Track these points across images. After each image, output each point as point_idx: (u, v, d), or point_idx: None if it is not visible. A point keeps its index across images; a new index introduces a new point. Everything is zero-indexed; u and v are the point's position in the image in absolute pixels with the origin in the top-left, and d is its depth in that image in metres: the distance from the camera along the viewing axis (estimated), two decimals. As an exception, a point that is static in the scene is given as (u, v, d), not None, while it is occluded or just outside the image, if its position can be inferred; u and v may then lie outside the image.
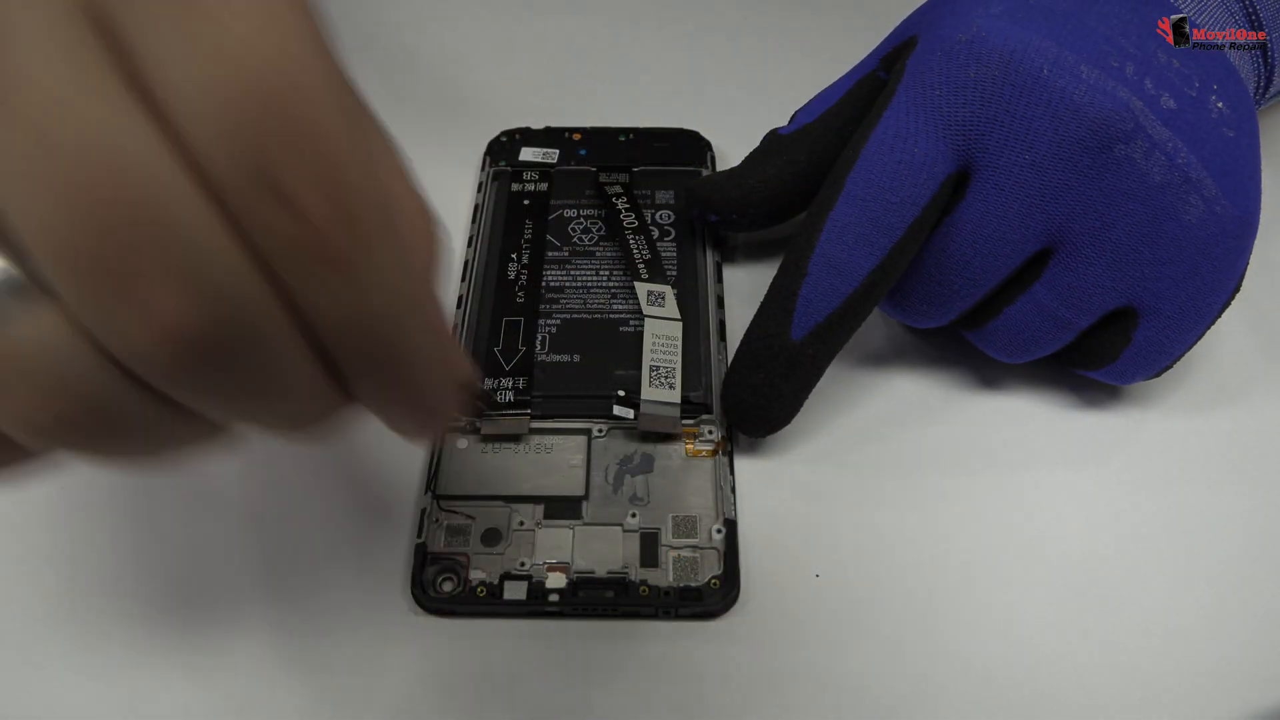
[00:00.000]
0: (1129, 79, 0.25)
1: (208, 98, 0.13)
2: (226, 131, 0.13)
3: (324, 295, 0.14)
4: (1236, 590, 0.26)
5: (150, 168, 0.13)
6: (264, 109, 0.13)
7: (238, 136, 0.13)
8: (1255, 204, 0.26)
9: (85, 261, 0.13)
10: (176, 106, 0.13)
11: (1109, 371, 0.28)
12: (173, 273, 0.13)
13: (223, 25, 0.13)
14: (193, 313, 0.14)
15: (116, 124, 0.13)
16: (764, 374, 0.27)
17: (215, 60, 0.13)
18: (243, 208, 0.14)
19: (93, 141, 0.13)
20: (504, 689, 0.24)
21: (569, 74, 0.40)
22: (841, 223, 0.26)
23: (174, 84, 0.13)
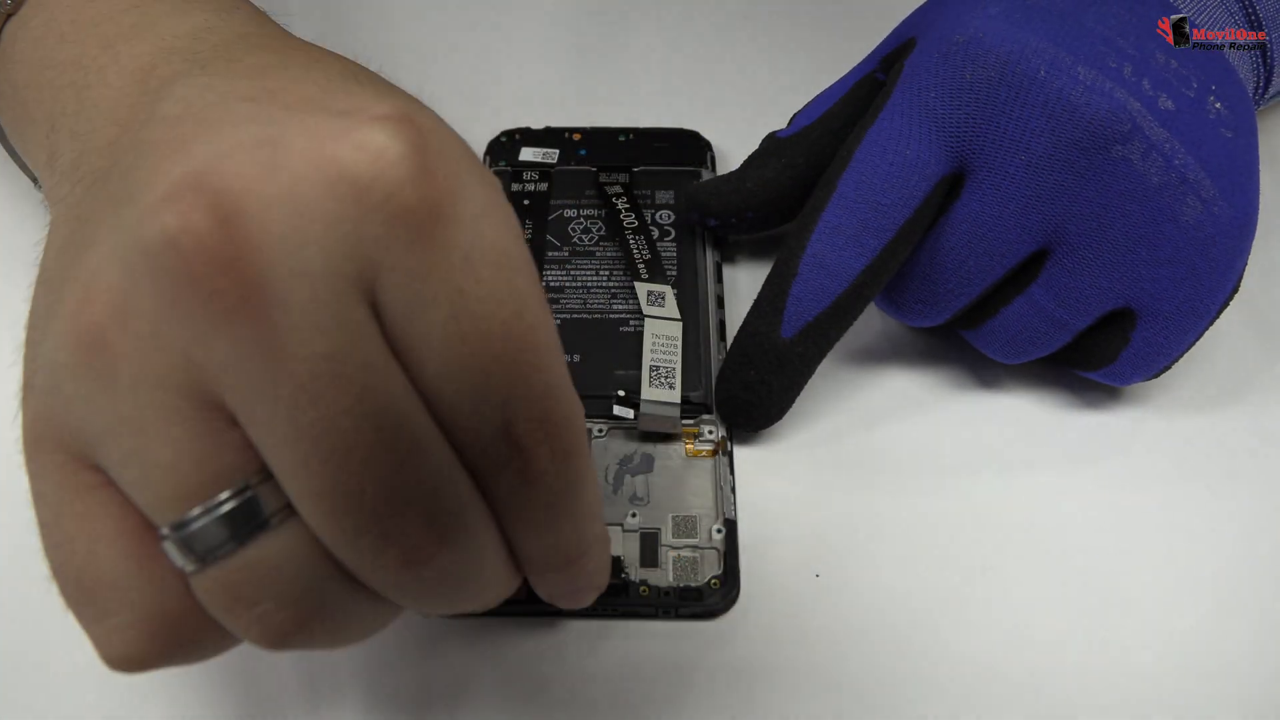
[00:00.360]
0: (1126, 80, 0.25)
1: (456, 360, 0.16)
2: (474, 389, 0.16)
3: (531, 525, 0.17)
4: (1236, 590, 0.26)
5: (407, 421, 0.15)
6: (508, 374, 0.16)
7: (485, 396, 0.16)
8: (1253, 204, 0.26)
9: (348, 501, 0.15)
10: (427, 364, 0.16)
11: (1108, 372, 0.28)
12: (425, 514, 0.16)
13: (477, 325, 0.16)
14: (439, 546, 0.16)
15: (380, 387, 0.15)
16: (755, 370, 0.27)
17: (468, 354, 0.16)
18: (478, 453, 0.16)
19: (361, 405, 0.15)
20: (503, 689, 0.24)
21: (569, 74, 0.40)
22: (832, 224, 0.27)
23: (430, 365, 0.16)
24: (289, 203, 0.15)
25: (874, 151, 0.27)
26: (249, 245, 0.15)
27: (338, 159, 0.15)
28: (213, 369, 0.15)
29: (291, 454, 0.15)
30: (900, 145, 0.26)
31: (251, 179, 0.15)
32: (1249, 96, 0.28)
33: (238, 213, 0.15)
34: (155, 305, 0.15)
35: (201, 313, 0.15)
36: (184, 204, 0.15)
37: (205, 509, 0.15)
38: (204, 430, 0.15)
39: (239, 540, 0.16)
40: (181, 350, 0.15)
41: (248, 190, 0.15)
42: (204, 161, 0.15)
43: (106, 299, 0.15)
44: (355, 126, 0.15)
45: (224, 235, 0.14)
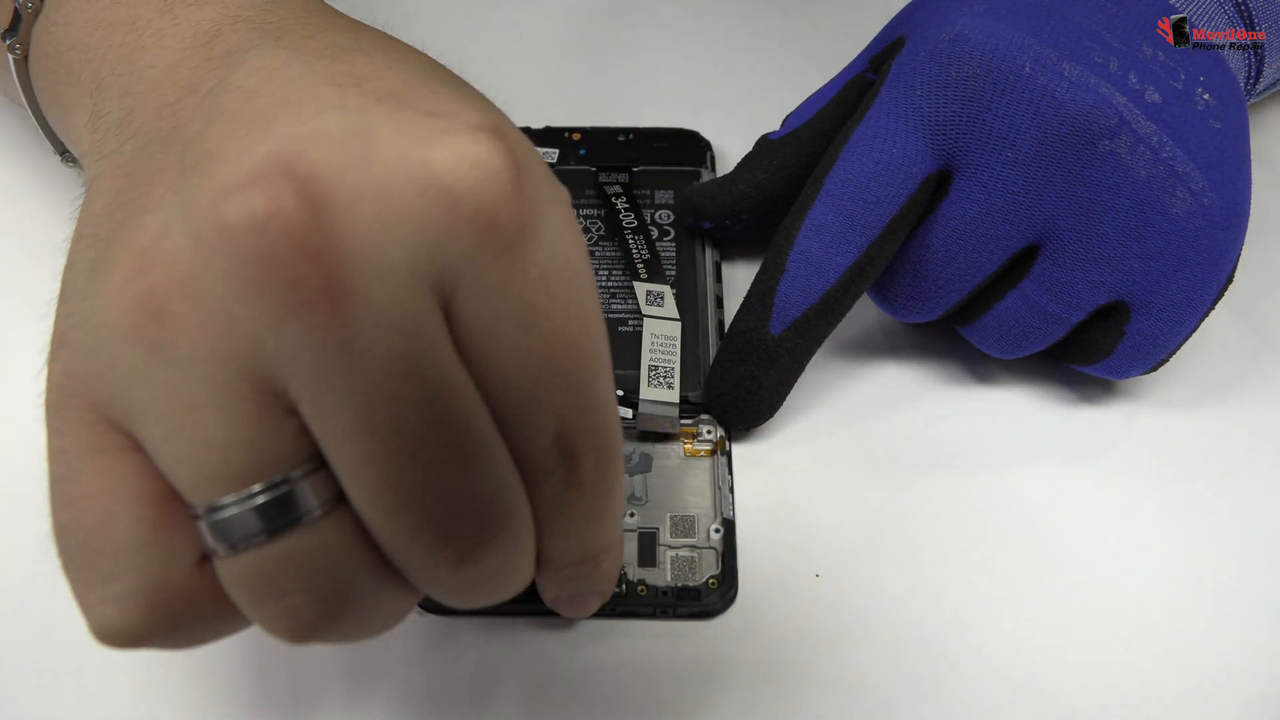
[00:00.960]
0: (1112, 74, 0.25)
1: (522, 371, 0.16)
2: (535, 399, 0.16)
3: (565, 527, 0.18)
4: (1233, 585, 0.26)
5: (470, 429, 0.16)
6: (568, 388, 0.16)
7: (545, 407, 0.16)
8: (1244, 195, 0.26)
9: (408, 497, 0.15)
10: (493, 372, 0.16)
11: (1104, 366, 0.28)
12: (482, 517, 0.16)
13: (545, 343, 0.16)
14: (490, 548, 0.17)
15: (447, 394, 0.15)
16: (745, 367, 0.27)
17: (534, 369, 0.16)
18: (529, 458, 0.17)
19: (428, 408, 0.15)
20: (502, 688, 0.24)
21: (569, 74, 0.40)
22: (819, 221, 0.27)
23: (495, 375, 0.16)
24: (379, 200, 0.15)
25: (861, 150, 0.27)
26: (336, 237, 0.14)
27: (432, 163, 0.15)
28: (282, 356, 0.15)
29: (356, 448, 0.15)
30: (887, 143, 0.27)
31: (343, 169, 0.15)
32: (1239, 86, 0.28)
33: (328, 203, 0.15)
34: (228, 284, 0.15)
35: (279, 299, 0.14)
36: (274, 186, 0.14)
37: (250, 494, 0.15)
38: (261, 415, 0.15)
39: (278, 529, 0.15)
40: (250, 333, 0.15)
41: (339, 181, 0.15)
42: (292, 143, 0.15)
43: (171, 270, 0.15)
44: (450, 132, 0.15)
45: (313, 224, 0.14)
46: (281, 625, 0.16)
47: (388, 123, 0.15)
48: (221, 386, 0.15)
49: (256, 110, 0.16)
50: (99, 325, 0.15)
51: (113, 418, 0.16)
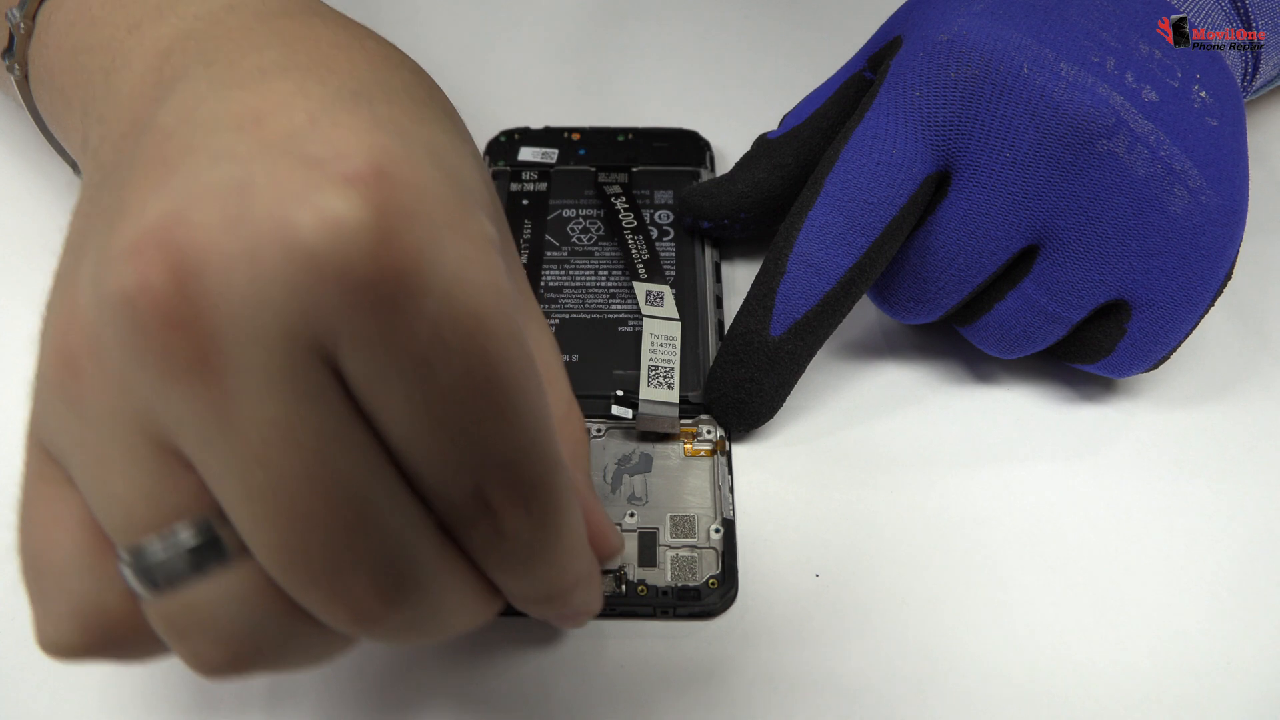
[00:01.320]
0: (1109, 74, 0.25)
1: (422, 428, 0.15)
2: (442, 455, 0.16)
3: (509, 573, 0.17)
4: (1233, 584, 0.26)
5: (359, 490, 0.15)
6: (477, 442, 0.16)
7: (454, 462, 0.16)
8: (1242, 192, 0.26)
9: (296, 558, 0.15)
10: (392, 429, 0.15)
11: (1105, 365, 0.28)
12: (373, 578, 0.16)
13: (445, 395, 0.15)
14: (387, 609, 0.16)
15: (332, 455, 0.15)
16: (745, 369, 0.27)
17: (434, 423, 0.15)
18: (448, 509, 0.16)
19: (310, 472, 0.15)
20: (502, 688, 0.24)
21: (569, 74, 0.40)
22: (819, 222, 0.27)
23: (394, 429, 0.15)
24: (248, 264, 0.14)
25: (860, 150, 0.27)
26: (205, 306, 0.14)
27: (294, 223, 0.14)
28: (170, 419, 0.15)
29: (241, 509, 0.15)
30: (886, 144, 0.27)
31: (216, 233, 0.15)
32: (1236, 83, 0.28)
33: (197, 272, 0.14)
34: (120, 350, 0.15)
35: (157, 367, 0.15)
36: (144, 259, 0.14)
37: (145, 546, 0.16)
38: (159, 471, 0.15)
39: (177, 578, 0.16)
40: (142, 395, 0.15)
41: (211, 246, 0.14)
42: (173, 206, 0.15)
43: (81, 330, 0.16)
44: (317, 186, 0.15)
45: (180, 296, 0.14)
46: (191, 664, 0.17)
47: (267, 175, 0.15)
48: (123, 443, 0.15)
49: (163, 157, 0.16)
50: (40, 373, 0.16)
51: (54, 455, 0.17)
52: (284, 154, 0.15)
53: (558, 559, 0.18)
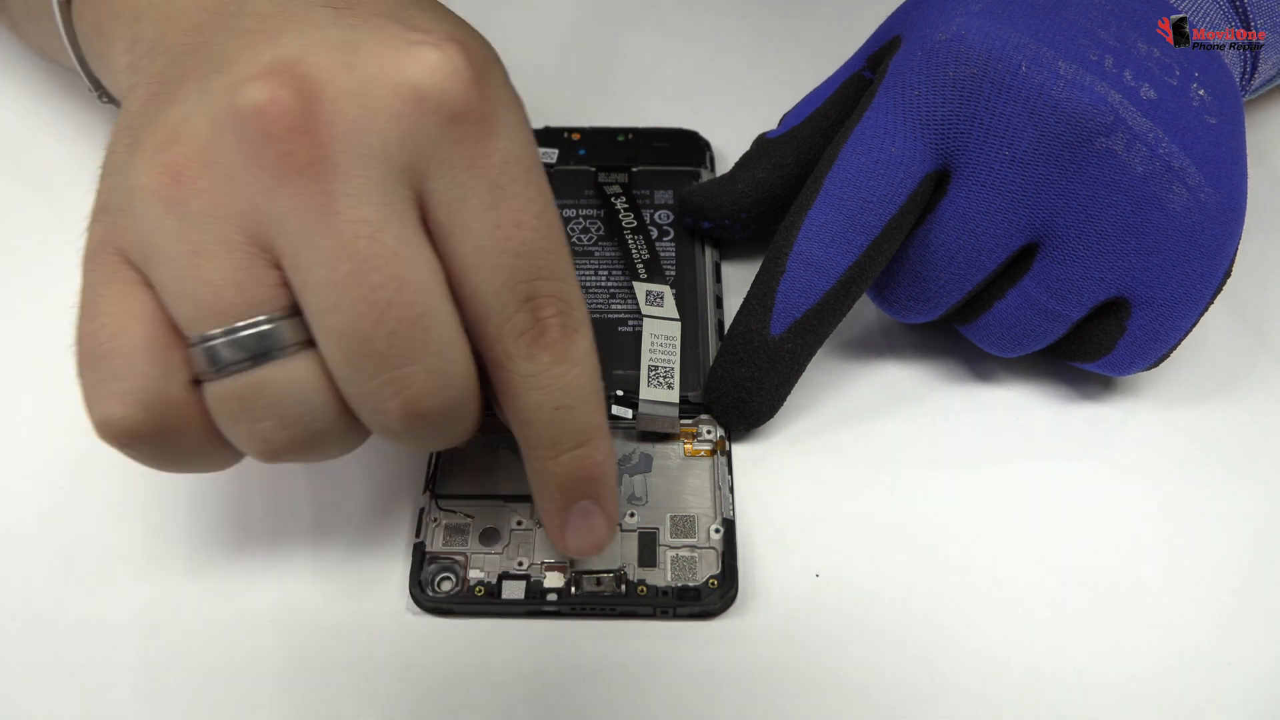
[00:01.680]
0: (1108, 72, 0.25)
1: (491, 240, 0.19)
2: (503, 266, 0.20)
3: (540, 388, 0.21)
4: (1232, 581, 0.26)
5: (423, 290, 0.19)
6: (533, 257, 0.20)
7: (512, 273, 0.20)
8: (1240, 189, 0.26)
9: (364, 344, 0.18)
10: (467, 257, 0.19)
11: (1106, 363, 0.28)
12: (428, 366, 0.19)
13: (511, 216, 0.20)
14: (438, 396, 0.19)
15: (407, 256, 0.19)
16: (745, 369, 0.27)
17: (503, 237, 0.20)
18: (500, 319, 0.20)
19: (389, 267, 0.18)
20: (502, 689, 0.24)
21: (568, 74, 0.40)
22: (819, 221, 0.27)
23: (468, 241, 0.19)
24: (360, 96, 0.18)
25: (859, 150, 0.27)
26: (322, 122, 0.18)
27: (404, 67, 0.19)
28: (273, 215, 0.18)
29: (324, 295, 0.18)
30: (885, 143, 0.27)
31: (332, 71, 0.19)
32: (1234, 81, 0.28)
33: (317, 95, 0.18)
34: (235, 156, 0.18)
35: (274, 167, 0.18)
36: (274, 80, 0.18)
37: (236, 328, 0.19)
38: (250, 263, 0.19)
39: (256, 361, 0.19)
40: (249, 196, 0.18)
41: (328, 80, 0.18)
42: (293, 51, 0.19)
43: (190, 144, 0.19)
44: (421, 43, 0.19)
45: (304, 110, 0.18)
46: (255, 446, 0.20)
47: (372, 36, 0.19)
48: (221, 237, 0.18)
49: (267, 28, 0.20)
50: (131, 188, 0.19)
51: (134, 260, 0.19)
52: (383, 23, 0.20)
53: (582, 383, 0.21)
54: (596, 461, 0.22)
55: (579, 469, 0.22)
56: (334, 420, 0.20)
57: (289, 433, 0.20)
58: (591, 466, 0.22)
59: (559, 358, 0.20)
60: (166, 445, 0.20)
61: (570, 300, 0.21)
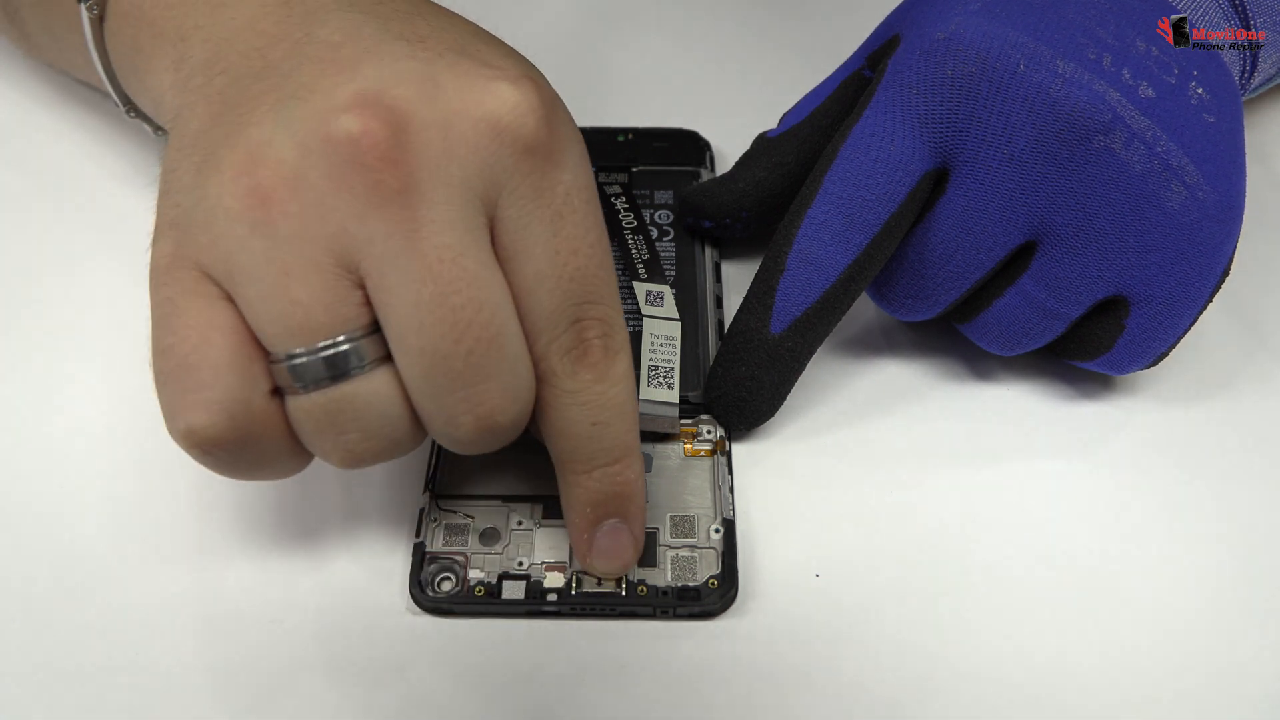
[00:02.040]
0: (1106, 70, 0.25)
1: (550, 265, 0.21)
2: (559, 290, 0.21)
3: (580, 403, 0.22)
4: (1230, 580, 0.26)
5: (499, 312, 0.20)
6: (585, 282, 0.21)
7: (566, 296, 0.21)
8: (1239, 188, 0.26)
9: (444, 362, 0.20)
10: (527, 279, 0.21)
11: (1105, 361, 0.28)
12: (502, 383, 0.20)
13: (569, 244, 0.21)
14: (506, 415, 0.21)
15: (485, 280, 0.20)
16: (745, 367, 0.27)
17: (560, 263, 0.21)
18: (551, 338, 0.21)
19: (469, 290, 0.20)
20: (502, 689, 0.24)
21: (568, 74, 0.40)
22: (818, 220, 0.27)
23: (529, 265, 0.21)
24: (443, 128, 0.20)
25: (858, 148, 0.27)
26: (411, 151, 0.19)
27: (484, 101, 0.20)
28: (362, 239, 0.19)
29: (408, 316, 0.19)
30: (884, 142, 0.27)
31: (417, 104, 0.20)
32: (1233, 80, 0.28)
33: (405, 126, 0.19)
34: (326, 182, 0.19)
35: (365, 194, 0.19)
36: (367, 112, 0.19)
37: (323, 345, 0.20)
38: (337, 284, 0.20)
39: (341, 376, 0.20)
40: (339, 220, 0.19)
41: (415, 112, 0.20)
42: (377, 83, 0.20)
43: (277, 168, 0.19)
44: (500, 79, 0.20)
45: (395, 141, 0.19)
46: (339, 456, 0.21)
47: (450, 70, 0.20)
48: (310, 259, 0.19)
49: (342, 58, 0.21)
50: (212, 207, 0.20)
51: (215, 276, 0.20)
52: (458, 59, 0.21)
53: (619, 402, 0.22)
54: (629, 480, 0.23)
55: (611, 485, 0.23)
56: (409, 430, 0.21)
57: (372, 443, 0.21)
58: (623, 484, 0.23)
59: (600, 376, 0.22)
60: (247, 453, 0.21)
61: (614, 323, 0.22)
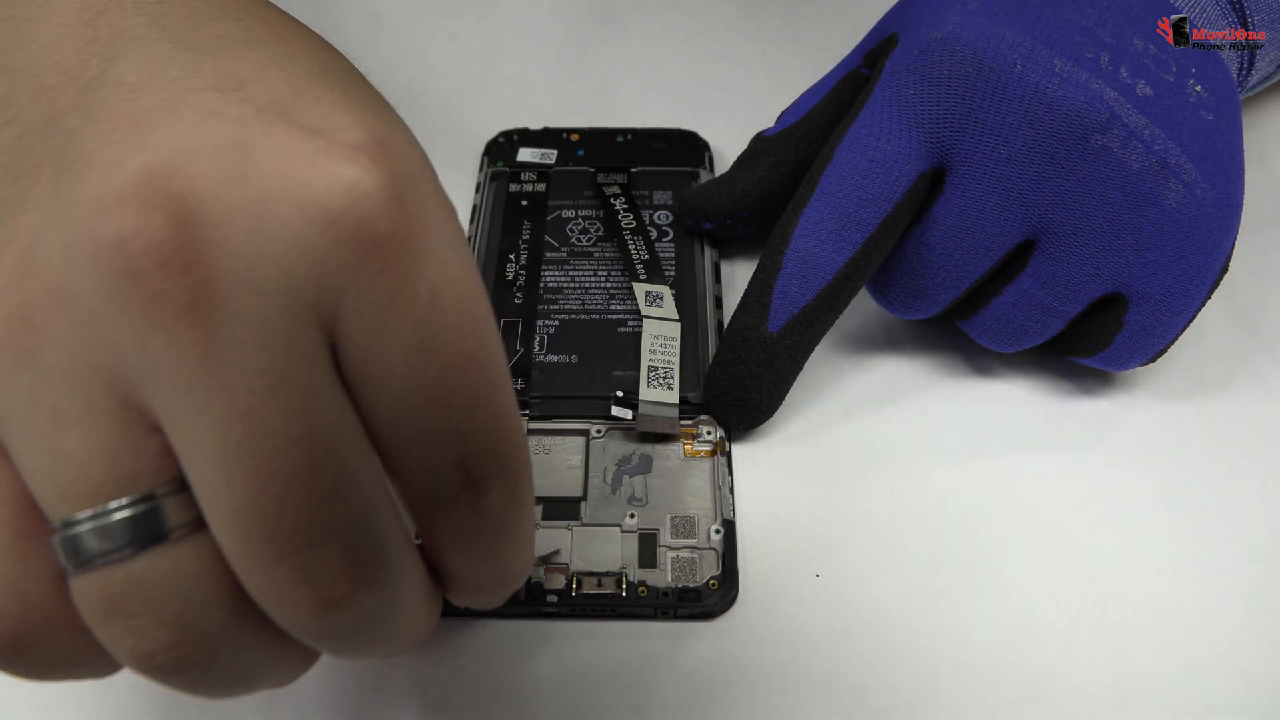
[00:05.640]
0: (1103, 69, 0.25)
1: (417, 390, 0.15)
2: (432, 419, 0.16)
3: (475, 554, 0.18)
4: (1230, 578, 0.26)
5: (337, 451, 0.15)
6: (467, 406, 0.16)
7: (443, 427, 0.16)
8: (1237, 185, 0.27)
9: (264, 526, 0.15)
10: (384, 393, 0.15)
11: (1103, 358, 0.28)
12: (346, 550, 0.15)
13: (441, 359, 0.15)
14: (357, 587, 0.16)
15: (316, 412, 0.15)
16: (744, 366, 0.27)
17: (430, 384, 0.15)
18: (430, 483, 0.16)
19: (292, 427, 0.14)
20: (501, 690, 0.24)
21: (568, 74, 0.40)
22: (815, 219, 0.27)
23: (387, 392, 0.15)
24: (253, 218, 0.15)
25: (855, 148, 0.27)
26: (204, 253, 0.14)
27: (310, 185, 0.15)
28: (145, 370, 0.14)
29: (213, 468, 0.15)
30: (880, 141, 0.27)
31: (218, 186, 0.15)
32: (1231, 77, 0.28)
33: (198, 220, 0.14)
34: (96, 297, 0.14)
35: (143, 312, 0.14)
36: (142, 202, 0.14)
37: (105, 511, 0.15)
38: (123, 430, 0.15)
39: (133, 549, 0.15)
40: (116, 346, 0.14)
41: (214, 197, 0.15)
42: (169, 155, 0.15)
43: (43, 279, 0.15)
44: (329, 152, 0.15)
45: (180, 240, 0.14)
46: (128, 648, 0.15)
47: (267, 137, 0.15)
48: (84, 398, 0.15)
49: (136, 112, 0.16)
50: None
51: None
52: (280, 120, 0.15)
53: (522, 534, 0.18)
54: (521, 583, 0.20)
55: (498, 597, 0.20)
56: (233, 624, 0.16)
57: (170, 634, 0.15)
58: (509, 591, 0.20)
59: (497, 520, 0.17)
60: (35, 656, 0.16)
61: (511, 451, 0.17)
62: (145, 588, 0.15)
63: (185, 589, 0.15)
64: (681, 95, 0.39)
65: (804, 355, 0.28)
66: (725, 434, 0.28)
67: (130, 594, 0.15)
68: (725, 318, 0.31)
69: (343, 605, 0.15)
